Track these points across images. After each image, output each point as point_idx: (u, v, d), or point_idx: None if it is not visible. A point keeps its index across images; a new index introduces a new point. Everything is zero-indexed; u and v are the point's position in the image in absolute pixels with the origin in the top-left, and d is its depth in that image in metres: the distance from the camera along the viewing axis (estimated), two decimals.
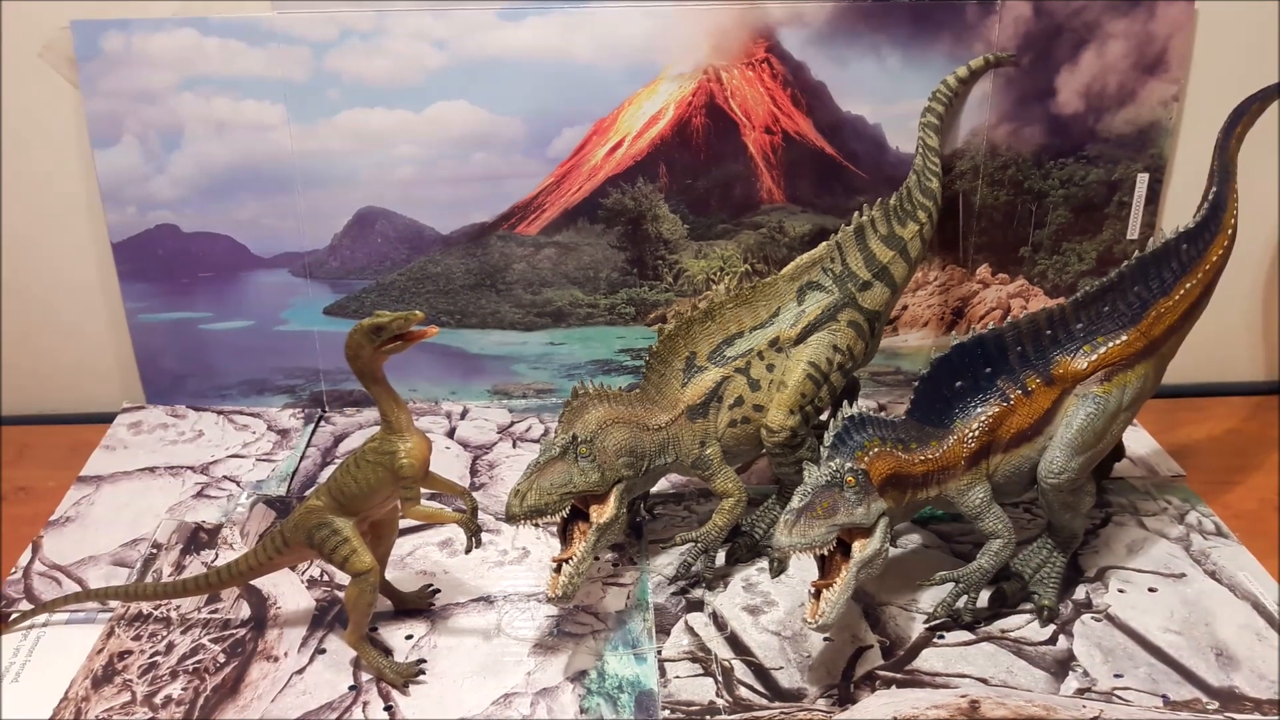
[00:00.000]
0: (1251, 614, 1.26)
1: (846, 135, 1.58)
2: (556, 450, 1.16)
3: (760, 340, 1.32)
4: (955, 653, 1.21)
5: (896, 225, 1.39)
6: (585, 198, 1.62)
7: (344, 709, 1.14)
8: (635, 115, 1.57)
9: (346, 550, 1.14)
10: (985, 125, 1.57)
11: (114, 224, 1.62)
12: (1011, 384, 1.22)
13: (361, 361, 1.10)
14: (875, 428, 1.15)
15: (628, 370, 1.72)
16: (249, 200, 1.61)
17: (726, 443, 1.31)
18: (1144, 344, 1.24)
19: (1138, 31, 1.53)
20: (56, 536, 1.43)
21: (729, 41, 1.53)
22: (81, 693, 1.17)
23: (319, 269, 1.66)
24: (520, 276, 1.66)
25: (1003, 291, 1.68)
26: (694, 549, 1.31)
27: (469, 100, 1.56)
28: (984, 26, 1.52)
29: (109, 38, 1.52)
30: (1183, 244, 1.28)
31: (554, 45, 1.52)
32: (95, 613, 1.29)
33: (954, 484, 1.20)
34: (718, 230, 1.64)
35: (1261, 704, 1.14)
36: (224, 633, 1.25)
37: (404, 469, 1.12)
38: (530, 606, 1.29)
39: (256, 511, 1.47)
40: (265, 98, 1.55)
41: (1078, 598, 1.29)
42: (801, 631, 1.24)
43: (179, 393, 1.73)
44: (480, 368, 1.72)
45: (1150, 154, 1.60)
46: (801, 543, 1.05)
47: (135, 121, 1.57)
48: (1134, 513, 1.44)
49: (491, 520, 1.43)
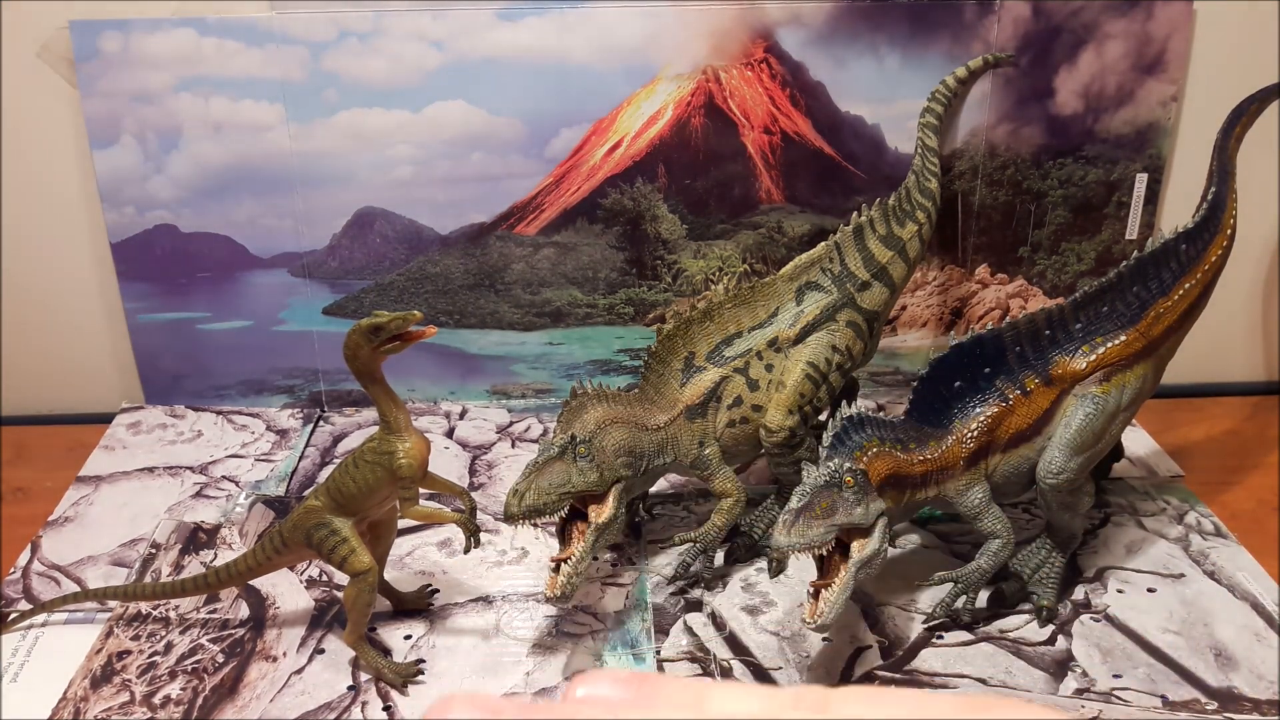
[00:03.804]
0: (1250, 614, 1.26)
1: (845, 135, 1.58)
2: (555, 450, 1.16)
3: (759, 340, 1.32)
4: (954, 653, 1.21)
5: (895, 225, 1.39)
6: (584, 198, 1.62)
7: (343, 709, 1.14)
8: (634, 115, 1.57)
9: (345, 550, 1.14)
10: (984, 125, 1.57)
11: (112, 224, 1.62)
12: (1010, 384, 1.22)
13: (360, 361, 1.10)
14: (874, 428, 1.15)
15: (626, 370, 1.72)
16: (247, 200, 1.61)
17: (725, 443, 1.31)
18: (1143, 344, 1.24)
19: (1136, 32, 1.53)
20: (55, 536, 1.43)
21: (728, 42, 1.53)
22: (80, 692, 1.17)
23: (318, 269, 1.66)
24: (519, 277, 1.66)
25: (1001, 292, 1.67)
26: (693, 549, 1.31)
27: (467, 100, 1.55)
28: (982, 27, 1.52)
29: (107, 38, 1.52)
30: (1182, 244, 1.28)
31: (552, 45, 1.52)
32: (94, 613, 1.28)
33: (953, 484, 1.20)
34: (716, 230, 1.64)
35: (1260, 704, 1.13)
36: (223, 633, 1.25)
37: (402, 469, 1.11)
38: (529, 606, 1.29)
39: (255, 512, 1.47)
40: (263, 98, 1.55)
41: (1076, 598, 1.29)
42: (800, 631, 1.24)
43: (178, 393, 1.73)
44: (479, 368, 1.72)
45: (1149, 154, 1.60)
46: (800, 543, 1.05)
47: (133, 122, 1.56)
48: (1133, 513, 1.44)
49: (490, 520, 1.44)
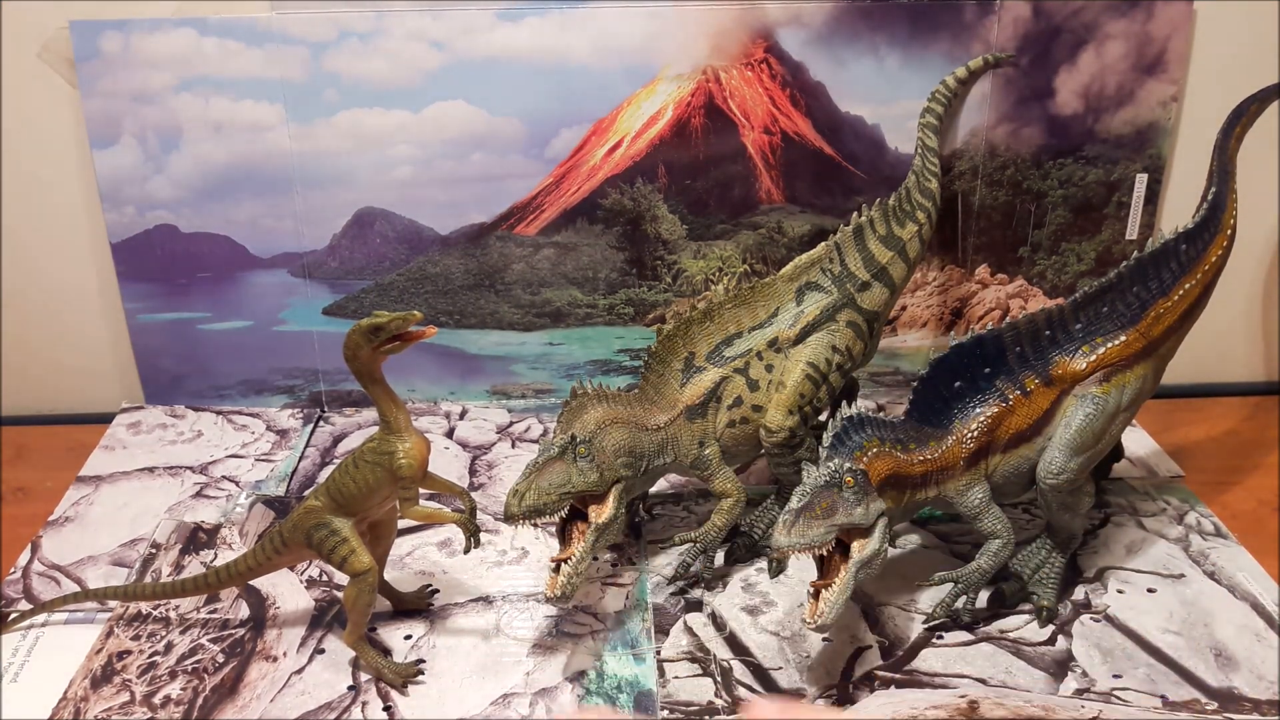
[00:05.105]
0: (1250, 614, 1.26)
1: (845, 136, 1.58)
2: (555, 450, 1.16)
3: (759, 341, 1.32)
4: (954, 653, 1.21)
5: (895, 226, 1.39)
6: (584, 198, 1.62)
7: (343, 709, 1.14)
8: (634, 116, 1.57)
9: (345, 550, 1.14)
10: (984, 126, 1.57)
11: (113, 224, 1.62)
12: (1010, 384, 1.22)
13: (360, 362, 1.10)
14: (874, 428, 1.15)
15: (626, 370, 1.72)
16: (247, 200, 1.61)
17: (725, 443, 1.31)
18: (1143, 344, 1.24)
19: (1136, 32, 1.53)
20: (55, 536, 1.43)
21: (728, 42, 1.53)
22: (80, 692, 1.17)
23: (318, 269, 1.66)
24: (519, 277, 1.66)
25: (1001, 292, 1.68)
26: (693, 549, 1.31)
27: (467, 101, 1.55)
28: (983, 27, 1.52)
29: (107, 38, 1.52)
30: (1182, 244, 1.28)
31: (552, 46, 1.52)
32: (94, 613, 1.29)
33: (953, 484, 1.20)
34: (716, 230, 1.64)
35: (1260, 704, 1.13)
36: (223, 633, 1.25)
37: (402, 469, 1.11)
38: (529, 607, 1.29)
39: (255, 512, 1.47)
40: (264, 98, 1.55)
41: (1077, 598, 1.29)
42: (800, 632, 1.24)
43: (178, 393, 1.73)
44: (479, 368, 1.72)
45: (1149, 154, 1.60)
46: (800, 543, 1.05)
47: (134, 122, 1.57)
48: (1133, 513, 1.44)
49: (490, 520, 1.44)
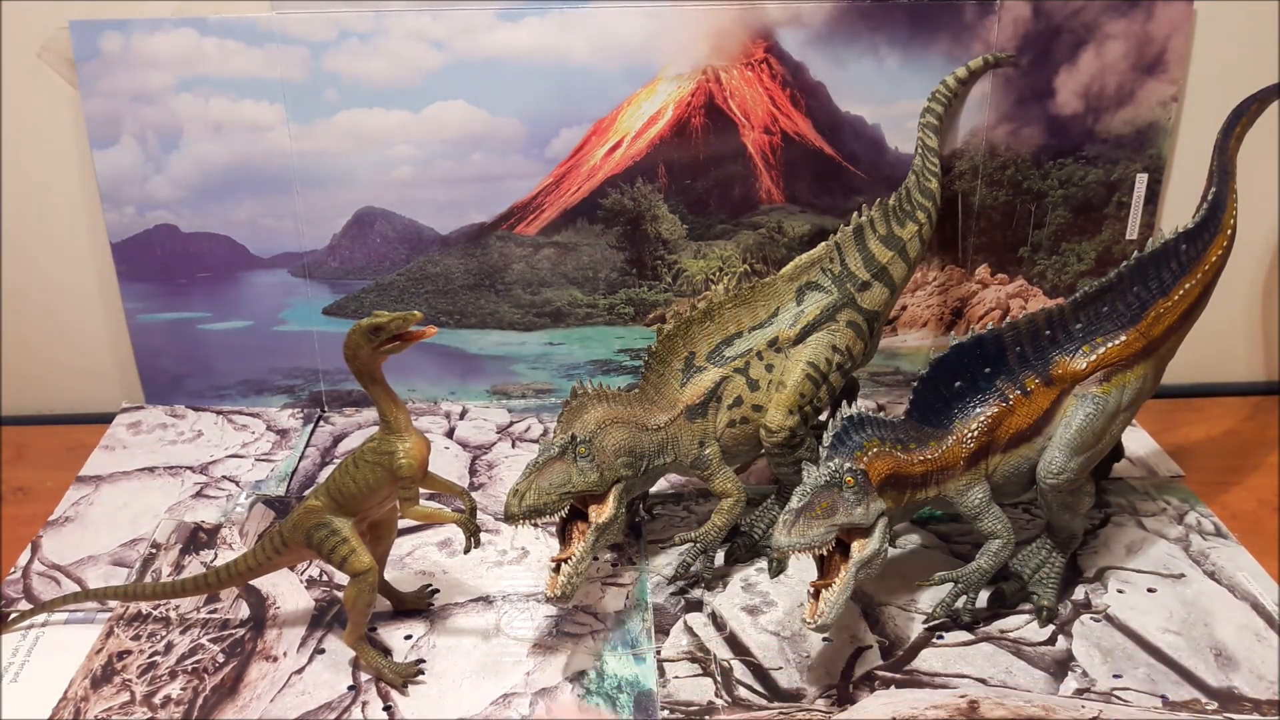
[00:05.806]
0: (1250, 614, 1.26)
1: (845, 135, 1.58)
2: (555, 450, 1.16)
3: (759, 340, 1.32)
4: (954, 653, 1.21)
5: (895, 226, 1.39)
6: (584, 198, 1.62)
7: (343, 709, 1.14)
8: (634, 115, 1.57)
9: (345, 550, 1.14)
10: (984, 126, 1.57)
11: (113, 224, 1.62)
12: (1010, 384, 1.22)
13: (360, 361, 1.10)
14: (874, 428, 1.15)
15: (627, 370, 1.72)
16: (247, 200, 1.61)
17: (725, 443, 1.31)
18: (1143, 344, 1.24)
19: (1136, 32, 1.53)
20: (55, 536, 1.43)
21: (728, 42, 1.53)
22: (80, 692, 1.17)
23: (318, 269, 1.66)
24: (519, 277, 1.66)
25: (1002, 292, 1.68)
26: (693, 549, 1.31)
27: (467, 101, 1.56)
28: (983, 27, 1.52)
29: (107, 38, 1.52)
30: (1182, 244, 1.28)
31: (552, 46, 1.52)
32: (94, 613, 1.29)
33: (953, 484, 1.20)
34: (717, 230, 1.64)
35: (1260, 704, 1.13)
36: (223, 633, 1.25)
37: (402, 469, 1.11)
38: (529, 606, 1.29)
39: (255, 511, 1.47)
40: (264, 98, 1.55)
41: (1077, 598, 1.29)
42: (800, 631, 1.24)
43: (178, 393, 1.73)
44: (479, 368, 1.72)
45: (1149, 154, 1.60)
46: (800, 543, 1.05)
47: (134, 122, 1.57)
48: (1133, 513, 1.44)
49: (490, 520, 1.44)
